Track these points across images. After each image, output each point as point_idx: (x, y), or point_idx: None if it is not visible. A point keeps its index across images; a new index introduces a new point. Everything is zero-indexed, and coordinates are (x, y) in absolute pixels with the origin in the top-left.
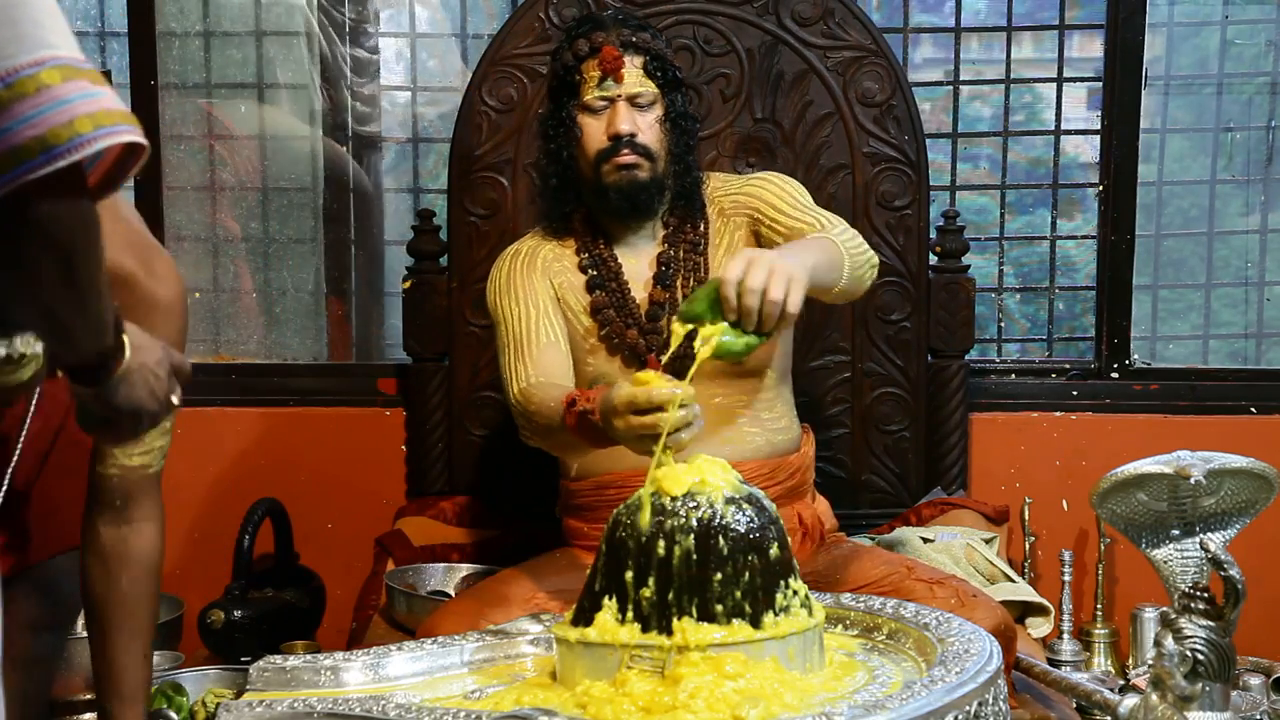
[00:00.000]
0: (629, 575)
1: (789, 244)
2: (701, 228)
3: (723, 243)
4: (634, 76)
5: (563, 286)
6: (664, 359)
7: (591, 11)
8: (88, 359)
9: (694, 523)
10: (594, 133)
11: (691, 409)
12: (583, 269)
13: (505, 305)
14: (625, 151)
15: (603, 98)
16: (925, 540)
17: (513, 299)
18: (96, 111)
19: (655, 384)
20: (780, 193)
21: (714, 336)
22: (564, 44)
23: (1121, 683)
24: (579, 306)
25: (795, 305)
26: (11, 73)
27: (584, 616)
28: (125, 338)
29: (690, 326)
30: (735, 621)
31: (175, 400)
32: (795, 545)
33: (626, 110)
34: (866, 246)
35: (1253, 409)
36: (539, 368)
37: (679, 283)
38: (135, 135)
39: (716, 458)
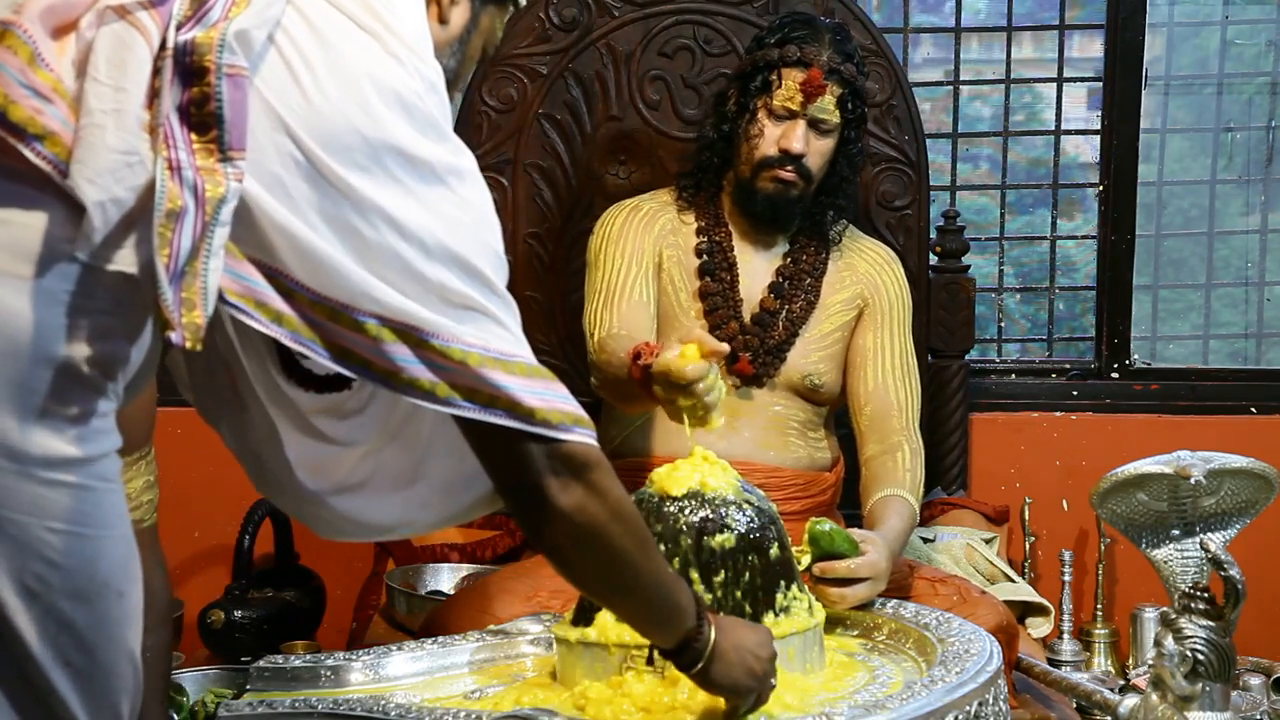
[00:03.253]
0: None
1: (900, 527)
2: (823, 256)
3: (837, 294)
4: (826, 103)
5: (670, 259)
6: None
7: (808, 13)
8: (664, 644)
9: (694, 523)
10: (768, 137)
11: (710, 379)
12: (699, 251)
13: (609, 253)
14: (789, 169)
15: (789, 109)
16: (925, 540)
17: (619, 250)
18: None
19: (689, 358)
20: (893, 318)
21: (805, 557)
22: (772, 38)
23: (1121, 683)
24: (680, 282)
25: (851, 603)
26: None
27: (584, 616)
28: (710, 622)
29: (808, 545)
30: None
31: (774, 682)
32: None
33: (804, 131)
34: (921, 472)
35: (1253, 409)
36: (623, 321)
37: (792, 302)
38: (592, 439)
39: (762, 460)
